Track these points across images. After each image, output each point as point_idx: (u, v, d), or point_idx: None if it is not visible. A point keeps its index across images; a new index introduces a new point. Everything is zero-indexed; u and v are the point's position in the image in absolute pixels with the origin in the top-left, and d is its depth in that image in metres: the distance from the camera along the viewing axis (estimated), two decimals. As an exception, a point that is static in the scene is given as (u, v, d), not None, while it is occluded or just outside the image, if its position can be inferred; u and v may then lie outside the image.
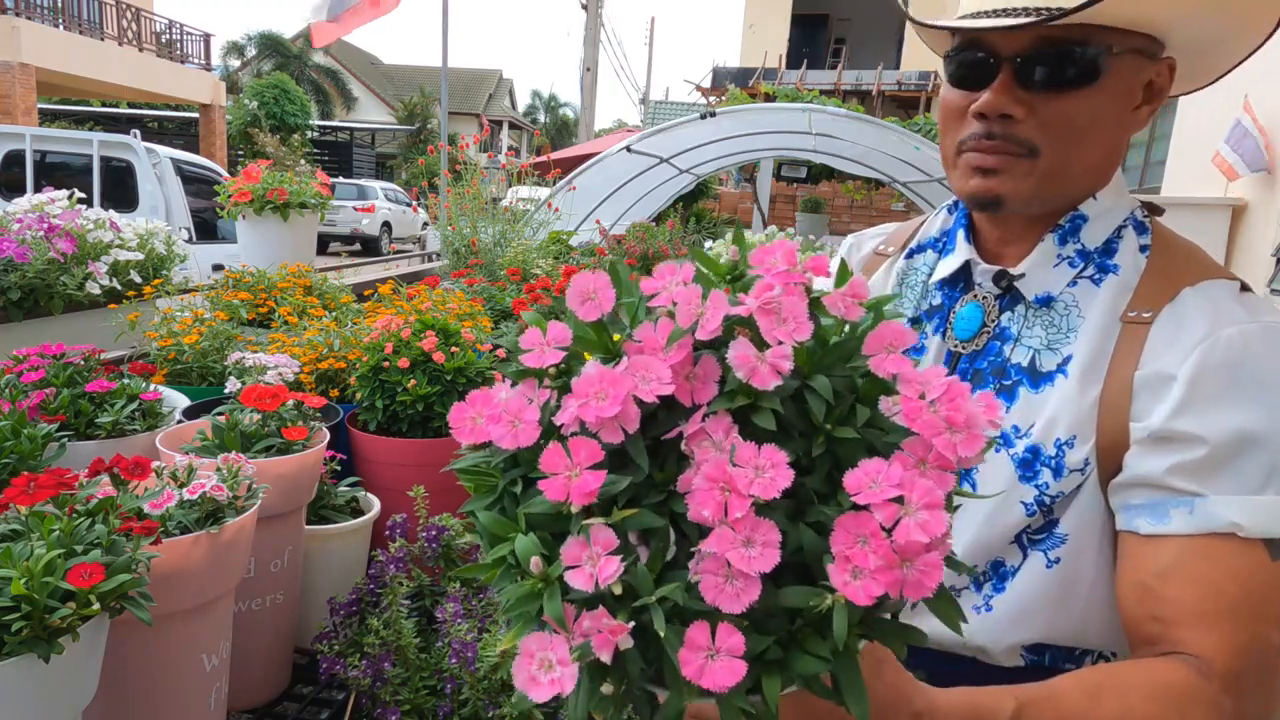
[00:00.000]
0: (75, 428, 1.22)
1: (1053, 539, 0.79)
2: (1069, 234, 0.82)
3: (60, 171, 6.77)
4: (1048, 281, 0.82)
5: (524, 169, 4.70)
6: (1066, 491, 0.77)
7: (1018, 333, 0.83)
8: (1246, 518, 0.68)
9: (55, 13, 13.94)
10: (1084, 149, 0.78)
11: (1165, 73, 0.80)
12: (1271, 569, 0.68)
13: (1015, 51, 0.76)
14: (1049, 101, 0.76)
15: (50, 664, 0.68)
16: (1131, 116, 0.80)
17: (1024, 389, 0.81)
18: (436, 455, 1.53)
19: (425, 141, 28.04)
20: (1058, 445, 0.77)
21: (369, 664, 1.09)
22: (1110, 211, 0.83)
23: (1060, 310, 0.81)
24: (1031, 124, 0.77)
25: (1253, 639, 0.68)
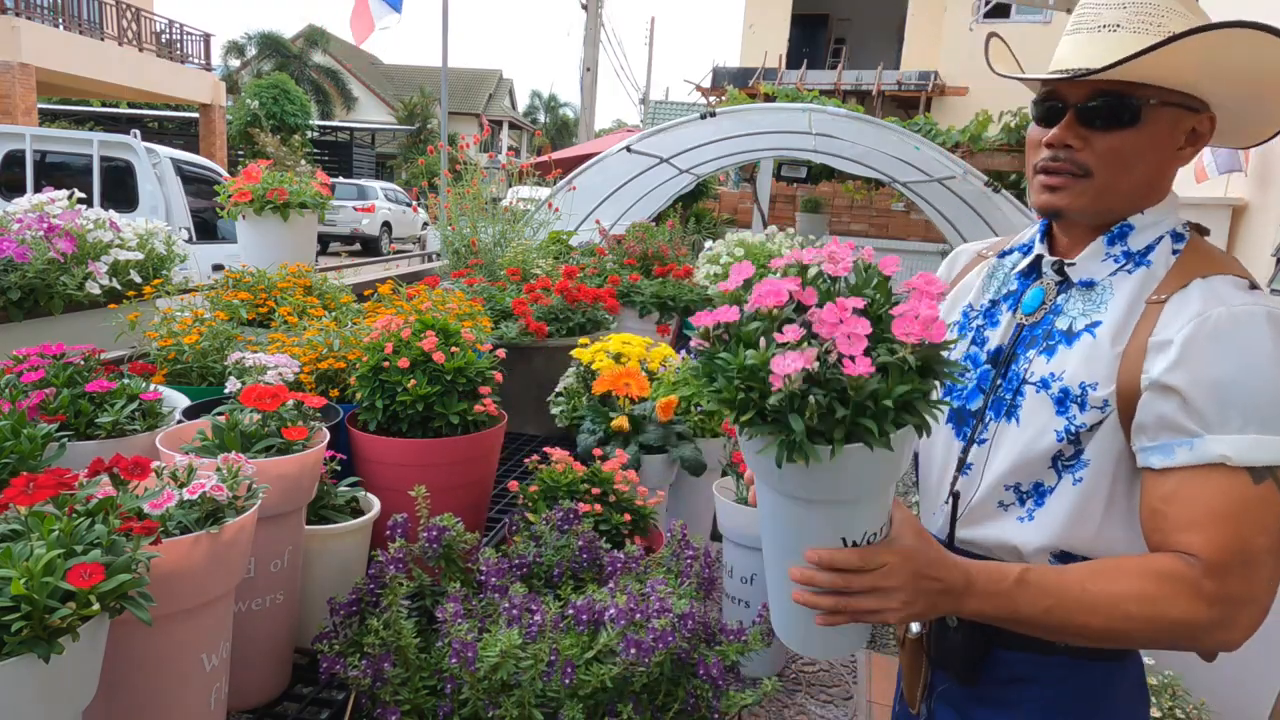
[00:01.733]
0: (75, 428, 1.22)
1: (1079, 463, 1.00)
2: (1117, 238, 1.05)
3: (60, 171, 6.77)
4: (1093, 270, 1.05)
5: (524, 169, 4.69)
6: (1089, 424, 0.98)
7: (1064, 307, 1.06)
8: (1233, 450, 0.88)
9: (55, 13, 13.93)
10: (1128, 175, 1.01)
11: (1206, 124, 1.01)
12: (1253, 490, 0.88)
13: (1078, 100, 1.01)
14: (1101, 137, 1.00)
15: (50, 664, 0.68)
16: (1174, 155, 1.02)
17: (1061, 346, 1.04)
18: (436, 455, 1.53)
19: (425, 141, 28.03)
20: (1082, 387, 0.99)
21: (369, 664, 1.09)
22: (1156, 224, 1.04)
23: (1098, 291, 1.04)
24: (1087, 153, 1.01)
25: (1234, 539, 0.88)
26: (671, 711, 1.11)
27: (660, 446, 2.13)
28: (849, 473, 0.76)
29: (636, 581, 1.25)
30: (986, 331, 1.14)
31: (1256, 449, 0.88)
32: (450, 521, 1.33)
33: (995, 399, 1.09)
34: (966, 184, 5.07)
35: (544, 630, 1.07)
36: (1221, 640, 0.89)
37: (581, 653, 1.05)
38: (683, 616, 1.10)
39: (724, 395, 0.74)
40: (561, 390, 2.39)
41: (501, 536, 1.66)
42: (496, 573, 1.26)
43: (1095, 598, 0.90)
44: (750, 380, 0.72)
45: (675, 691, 1.12)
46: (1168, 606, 0.88)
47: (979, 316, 1.17)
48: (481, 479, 1.65)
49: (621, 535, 1.58)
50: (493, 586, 1.24)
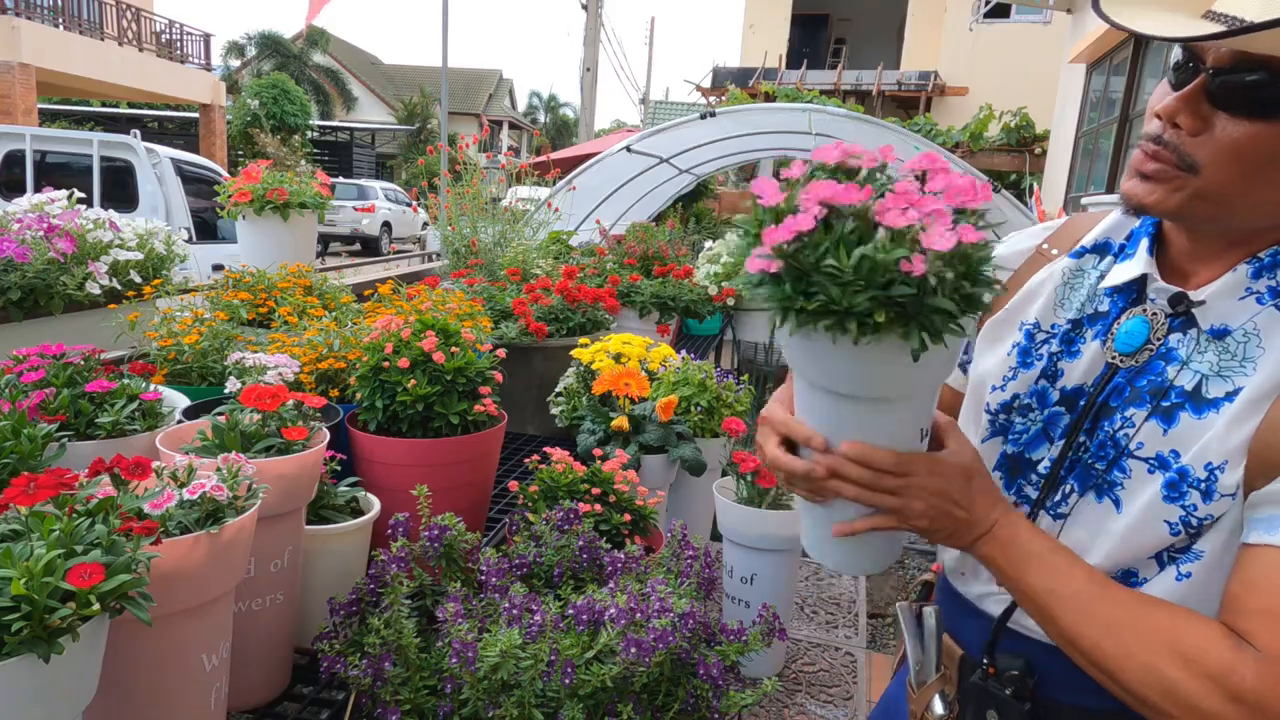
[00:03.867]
0: (75, 428, 1.22)
1: (1190, 555, 0.79)
2: (1267, 268, 0.78)
3: (60, 171, 6.78)
4: (1228, 313, 0.79)
5: (524, 169, 4.70)
6: (1216, 515, 0.76)
7: (1186, 356, 0.81)
8: None
9: (55, 13, 13.94)
10: (1251, 183, 0.74)
11: None
12: None
13: (1215, 63, 0.73)
14: (1227, 123, 0.73)
15: (50, 664, 0.68)
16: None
17: (1185, 414, 0.79)
18: (436, 455, 1.53)
19: (425, 141, 28.03)
20: (1209, 469, 0.76)
21: (369, 663, 1.09)
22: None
23: (1238, 338, 0.78)
24: (1201, 140, 0.75)
25: None
26: (671, 711, 1.11)
27: (660, 446, 2.13)
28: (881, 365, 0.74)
29: (637, 581, 1.25)
30: (1061, 363, 0.91)
31: None
32: (451, 521, 1.33)
33: (1081, 467, 0.86)
34: (966, 184, 5.07)
35: (544, 630, 1.07)
36: None
37: (582, 652, 1.05)
38: (683, 616, 1.10)
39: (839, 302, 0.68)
40: (561, 390, 2.39)
41: (501, 536, 1.66)
42: (497, 573, 1.26)
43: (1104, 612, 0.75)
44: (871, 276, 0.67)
45: (675, 691, 1.12)
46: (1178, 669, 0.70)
47: (1052, 340, 0.92)
48: (481, 479, 1.65)
49: (621, 535, 1.58)
50: (493, 586, 1.24)
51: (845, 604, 3.80)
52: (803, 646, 3.38)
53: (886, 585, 4.10)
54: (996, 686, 0.90)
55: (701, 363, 2.57)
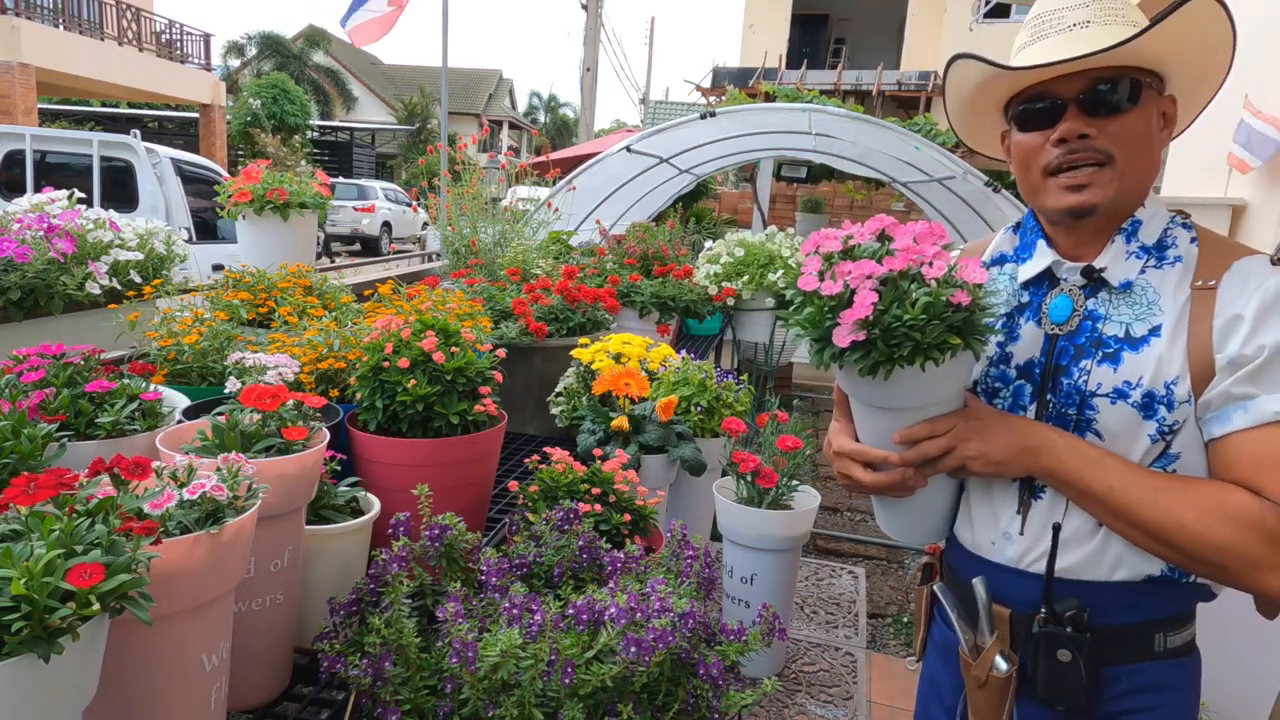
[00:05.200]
0: (75, 428, 1.22)
1: (1167, 457, 1.02)
2: (1131, 234, 1.06)
3: (60, 171, 6.78)
4: (1124, 271, 1.05)
5: (524, 169, 4.69)
6: (1181, 420, 1.00)
7: (1106, 313, 1.06)
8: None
9: (55, 13, 13.93)
10: (1143, 157, 1.03)
11: (1171, 106, 1.05)
12: None
13: (1075, 92, 1.02)
14: (1111, 122, 1.01)
15: (50, 664, 0.68)
16: (1159, 138, 1.04)
17: (1126, 352, 1.03)
18: (436, 455, 1.53)
19: (425, 141, 28.04)
20: (1166, 385, 1.00)
21: (369, 663, 1.09)
22: (1156, 216, 1.06)
23: (1139, 292, 1.04)
24: (1103, 139, 1.01)
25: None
26: (671, 711, 1.11)
27: (660, 446, 2.13)
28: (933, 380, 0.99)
29: (636, 581, 1.25)
30: (1008, 348, 1.14)
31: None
32: (452, 521, 1.33)
33: (1056, 417, 1.08)
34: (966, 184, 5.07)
35: (544, 630, 1.07)
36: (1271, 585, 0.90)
37: (582, 652, 1.05)
38: (683, 616, 1.10)
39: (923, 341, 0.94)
40: (561, 390, 2.39)
41: (501, 536, 1.66)
42: (497, 573, 1.26)
43: (1159, 496, 0.95)
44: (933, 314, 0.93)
45: (675, 691, 1.12)
46: (1225, 529, 0.91)
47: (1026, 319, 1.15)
48: (481, 479, 1.65)
49: (621, 535, 1.58)
50: (493, 586, 1.24)
51: (845, 604, 3.80)
52: (803, 646, 3.38)
53: (886, 585, 4.09)
54: (1058, 628, 1.06)
55: (701, 363, 2.57)
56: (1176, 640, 1.06)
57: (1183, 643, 1.07)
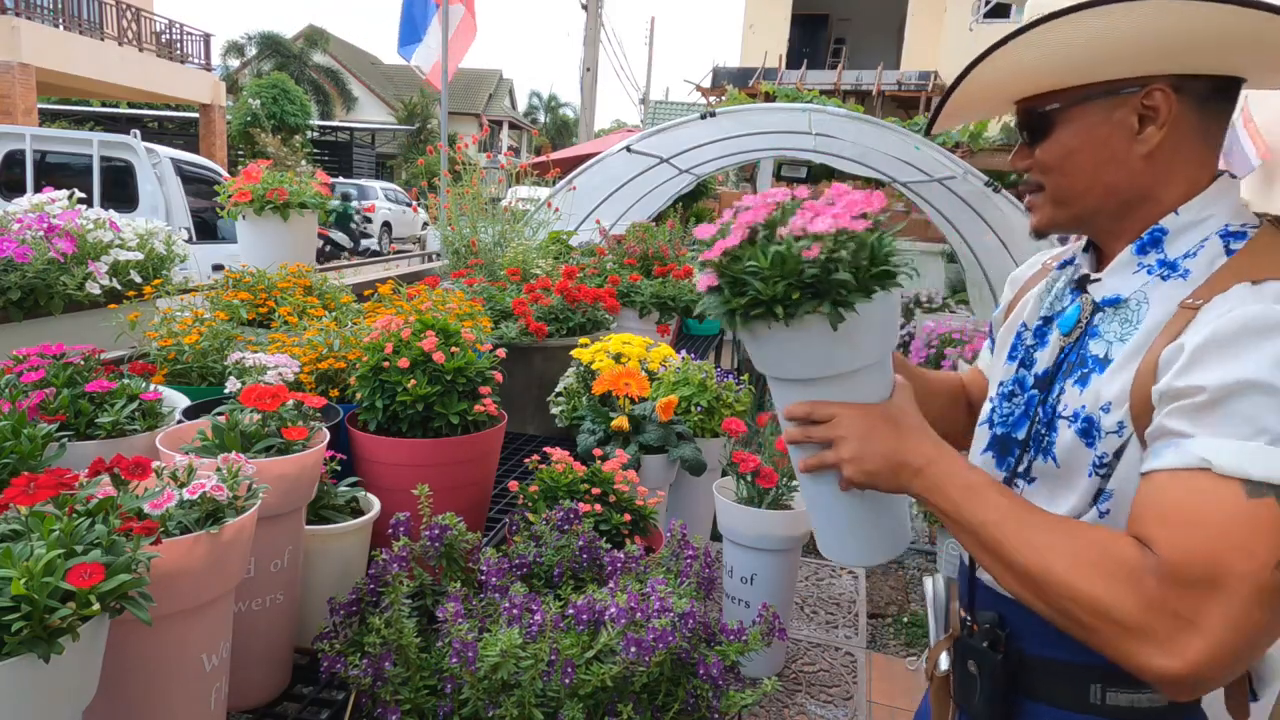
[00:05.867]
0: (75, 428, 1.22)
1: (1104, 495, 0.90)
2: (1149, 245, 0.93)
3: (60, 171, 6.78)
4: (1121, 285, 0.94)
5: (524, 169, 4.69)
6: (1110, 452, 0.88)
7: (1101, 330, 0.96)
8: (1217, 456, 0.74)
9: (55, 13, 13.93)
10: (1067, 178, 0.96)
11: (1158, 96, 0.89)
12: (1243, 504, 0.72)
13: (1018, 123, 1.01)
14: (1038, 150, 0.97)
15: (50, 664, 0.68)
16: (1132, 142, 0.91)
17: (1094, 375, 0.93)
18: (436, 455, 1.53)
19: (425, 141, 28.03)
20: (1103, 410, 0.89)
21: (369, 663, 1.09)
22: (1198, 224, 0.91)
23: (1132, 305, 0.92)
24: (1034, 168, 0.99)
25: (1202, 548, 0.73)
26: (671, 711, 1.11)
27: (660, 446, 2.13)
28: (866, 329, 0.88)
29: (636, 581, 1.25)
30: (1036, 353, 1.05)
31: (1257, 459, 0.73)
32: (452, 521, 1.33)
33: (1036, 435, 0.98)
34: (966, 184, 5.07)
35: (544, 630, 1.07)
36: (1148, 658, 0.73)
37: (582, 652, 1.05)
38: (683, 616, 1.10)
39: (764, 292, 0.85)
40: (561, 390, 2.39)
41: (501, 536, 1.66)
42: (497, 573, 1.26)
43: (1030, 537, 0.81)
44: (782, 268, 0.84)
45: (675, 691, 1.12)
46: (1094, 582, 0.76)
47: (1031, 335, 1.07)
48: (481, 479, 1.65)
49: (621, 535, 1.58)
50: (493, 586, 1.24)
51: (845, 604, 3.80)
52: (803, 646, 3.38)
53: (886, 585, 4.09)
54: (975, 639, 1.01)
55: (701, 363, 2.57)
56: (1123, 700, 0.91)
57: (1130, 705, 0.91)
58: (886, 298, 0.88)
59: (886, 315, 0.91)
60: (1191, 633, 0.71)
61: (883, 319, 0.90)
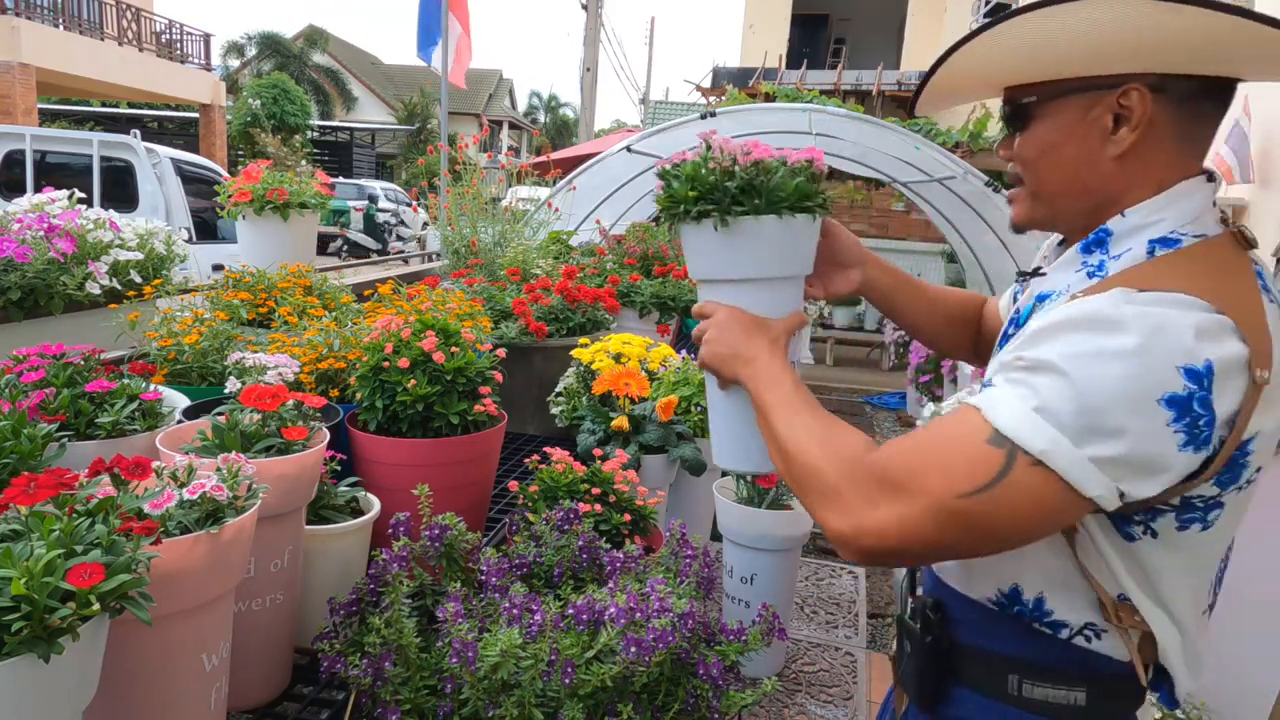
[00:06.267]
0: (75, 428, 1.22)
1: None
2: (1093, 245, 0.91)
3: (60, 171, 6.78)
4: (1057, 282, 0.94)
5: (524, 169, 4.69)
6: None
7: None
8: (991, 404, 0.79)
9: (55, 13, 13.94)
10: (1042, 174, 0.95)
11: (1134, 96, 0.86)
12: (980, 446, 0.78)
13: (1002, 115, 1.00)
14: (1017, 142, 0.97)
15: (50, 664, 0.68)
16: (1105, 142, 0.89)
17: None
18: (436, 455, 1.53)
19: (425, 141, 28.02)
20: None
21: (370, 663, 1.09)
22: (1143, 227, 0.87)
23: (1052, 301, 0.92)
24: (1016, 160, 0.98)
25: (916, 464, 0.80)
26: (671, 711, 1.11)
27: (660, 446, 2.13)
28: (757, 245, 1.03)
29: (636, 581, 1.25)
30: None
31: (1015, 417, 0.76)
32: (452, 521, 1.33)
33: None
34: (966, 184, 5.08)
35: (544, 630, 1.07)
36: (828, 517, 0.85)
37: (582, 652, 1.05)
38: (683, 616, 1.10)
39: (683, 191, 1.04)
40: (561, 390, 2.39)
41: (501, 536, 1.66)
42: (497, 572, 1.26)
43: (793, 419, 0.93)
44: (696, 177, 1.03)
45: (675, 691, 1.12)
46: (820, 455, 0.88)
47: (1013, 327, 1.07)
48: (481, 479, 1.65)
49: (621, 535, 1.58)
50: (493, 586, 1.24)
51: (845, 604, 3.80)
52: (803, 646, 3.39)
53: (886, 585, 4.09)
54: (911, 621, 1.03)
55: (701, 363, 2.56)
56: (1038, 693, 0.92)
57: (1046, 699, 0.92)
58: (785, 222, 1.01)
59: (787, 239, 1.03)
60: (866, 511, 0.82)
61: (782, 241, 1.03)
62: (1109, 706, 0.91)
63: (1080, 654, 0.90)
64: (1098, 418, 0.74)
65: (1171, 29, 0.79)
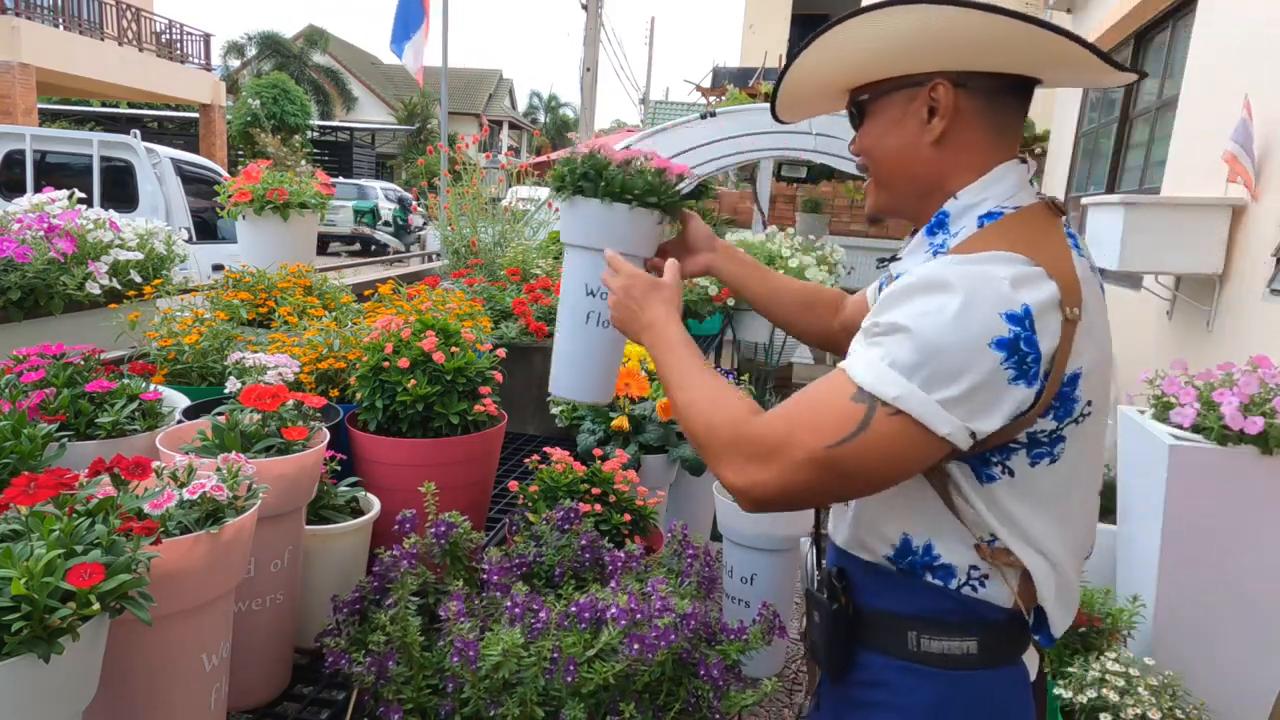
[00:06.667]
0: (75, 428, 1.22)
1: None
2: (936, 227, 1.02)
3: (60, 171, 6.77)
4: (908, 264, 1.04)
5: (524, 169, 4.69)
6: None
7: None
8: (854, 365, 0.88)
9: (55, 13, 13.93)
10: (879, 162, 1.07)
11: (941, 90, 0.98)
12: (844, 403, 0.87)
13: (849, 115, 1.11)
14: (858, 138, 1.09)
15: (50, 664, 0.68)
16: (922, 131, 1.01)
17: None
18: (436, 455, 1.53)
19: (425, 141, 28.03)
20: None
21: (373, 661, 1.09)
22: (973, 207, 0.99)
23: None
24: (862, 155, 1.09)
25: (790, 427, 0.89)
26: (673, 711, 1.11)
27: (660, 446, 2.13)
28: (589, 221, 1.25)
29: (637, 581, 1.25)
30: None
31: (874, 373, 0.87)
32: (457, 519, 1.33)
33: None
34: (966, 184, 5.07)
35: (548, 629, 1.07)
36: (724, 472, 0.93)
37: (584, 651, 1.05)
38: (685, 616, 1.10)
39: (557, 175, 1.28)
40: (562, 390, 2.39)
41: (502, 536, 1.66)
42: (499, 571, 1.26)
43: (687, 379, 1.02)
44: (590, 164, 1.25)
45: (677, 691, 1.12)
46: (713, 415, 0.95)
47: None
48: (482, 479, 1.65)
49: (622, 535, 1.58)
50: (495, 585, 1.24)
51: (845, 604, 3.79)
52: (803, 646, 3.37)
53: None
54: (818, 592, 1.09)
55: (702, 362, 2.56)
56: (935, 646, 1.00)
57: (943, 651, 0.99)
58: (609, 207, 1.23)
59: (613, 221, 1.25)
60: (754, 467, 0.90)
61: (608, 221, 1.25)
62: (998, 651, 1.00)
63: (969, 604, 0.98)
64: (939, 365, 0.84)
65: (960, 30, 0.92)
